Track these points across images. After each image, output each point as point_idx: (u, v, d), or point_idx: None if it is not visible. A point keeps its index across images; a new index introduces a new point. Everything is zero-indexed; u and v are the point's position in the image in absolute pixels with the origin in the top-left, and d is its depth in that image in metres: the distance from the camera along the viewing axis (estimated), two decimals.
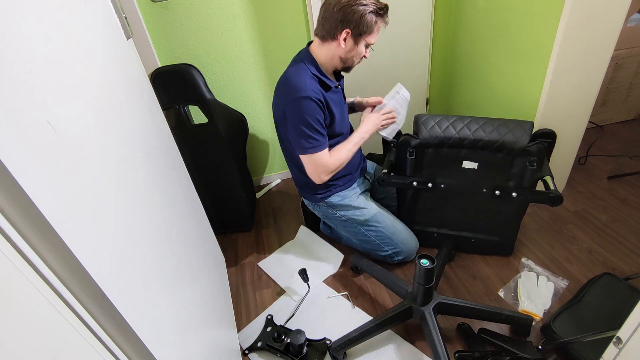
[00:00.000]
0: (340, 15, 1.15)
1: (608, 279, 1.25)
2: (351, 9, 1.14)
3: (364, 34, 1.18)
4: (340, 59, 1.23)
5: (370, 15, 1.15)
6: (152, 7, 1.50)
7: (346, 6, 1.14)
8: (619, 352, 0.69)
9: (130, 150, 0.72)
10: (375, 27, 1.18)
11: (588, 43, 1.32)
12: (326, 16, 1.17)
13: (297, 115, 1.18)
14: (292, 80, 1.20)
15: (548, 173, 1.26)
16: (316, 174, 1.26)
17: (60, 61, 0.52)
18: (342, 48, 1.19)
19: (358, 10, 1.14)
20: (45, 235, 0.40)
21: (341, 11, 1.15)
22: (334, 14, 1.15)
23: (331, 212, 1.42)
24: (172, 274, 0.78)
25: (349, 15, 1.15)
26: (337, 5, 1.15)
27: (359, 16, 1.14)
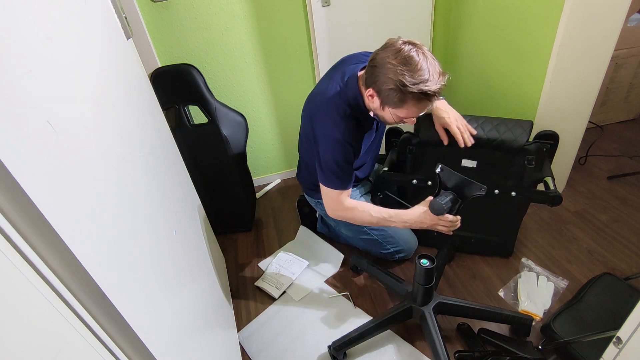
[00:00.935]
0: (369, 66, 0.98)
1: (608, 279, 1.25)
2: (381, 66, 0.93)
3: (389, 106, 0.99)
4: (373, 112, 1.09)
5: (402, 93, 0.93)
6: (152, 7, 1.50)
7: (379, 60, 0.94)
8: (619, 352, 0.69)
9: (130, 150, 0.72)
10: (403, 105, 0.97)
11: (588, 43, 1.32)
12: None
13: (328, 152, 1.11)
14: (330, 112, 1.08)
15: (549, 174, 1.26)
16: (331, 207, 1.21)
17: (60, 61, 0.52)
18: (371, 104, 1.04)
19: (387, 72, 0.93)
20: (45, 235, 0.40)
21: (371, 63, 0.97)
22: (371, 60, 0.98)
23: None
24: (172, 274, 0.78)
25: (376, 73, 0.96)
26: (376, 51, 0.97)
27: (389, 87, 0.94)
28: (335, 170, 1.13)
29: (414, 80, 0.91)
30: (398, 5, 1.75)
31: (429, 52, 0.95)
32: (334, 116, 1.09)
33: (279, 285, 1.46)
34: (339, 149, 1.10)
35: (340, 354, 1.16)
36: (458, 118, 1.23)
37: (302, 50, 1.77)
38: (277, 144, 2.02)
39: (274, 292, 1.44)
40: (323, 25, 1.70)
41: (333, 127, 1.09)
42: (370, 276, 1.45)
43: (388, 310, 1.19)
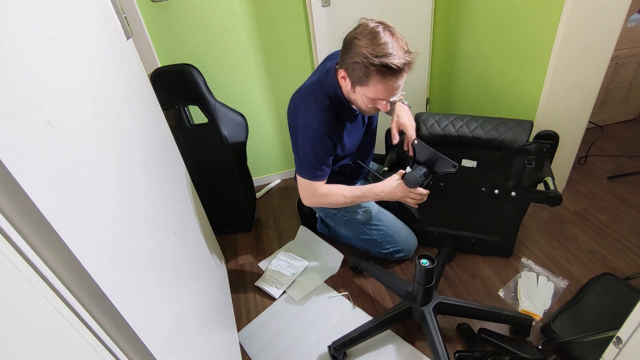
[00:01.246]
0: (341, 48, 0.99)
1: (608, 279, 1.25)
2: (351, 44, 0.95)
3: (357, 84, 1.00)
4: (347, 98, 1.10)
5: (365, 68, 0.94)
6: (152, 7, 1.50)
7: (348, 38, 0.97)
8: (619, 352, 0.69)
9: (130, 150, 0.72)
10: (369, 82, 0.97)
11: (588, 43, 1.32)
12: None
13: (305, 142, 1.13)
14: (309, 103, 1.11)
15: (549, 174, 1.27)
16: (306, 196, 1.24)
17: (60, 61, 0.52)
18: (344, 87, 1.06)
19: (353, 49, 0.95)
20: (45, 235, 0.40)
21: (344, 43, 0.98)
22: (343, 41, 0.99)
23: (332, 211, 1.42)
24: (172, 274, 0.78)
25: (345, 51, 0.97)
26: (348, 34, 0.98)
27: (354, 60, 0.95)
28: (311, 161, 1.15)
29: (376, 53, 0.92)
30: (398, 5, 1.75)
31: (398, 32, 0.96)
32: (313, 107, 1.10)
33: (279, 285, 1.46)
34: (317, 139, 1.12)
35: (340, 354, 1.16)
36: (414, 125, 1.26)
37: (302, 50, 1.77)
38: (277, 144, 2.02)
39: (274, 292, 1.44)
40: (323, 25, 1.70)
41: (312, 118, 1.10)
42: (370, 276, 1.45)
43: (388, 310, 1.19)
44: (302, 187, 1.23)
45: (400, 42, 0.95)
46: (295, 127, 1.15)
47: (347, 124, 1.20)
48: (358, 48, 0.93)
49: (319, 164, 1.16)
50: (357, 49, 0.94)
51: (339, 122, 1.15)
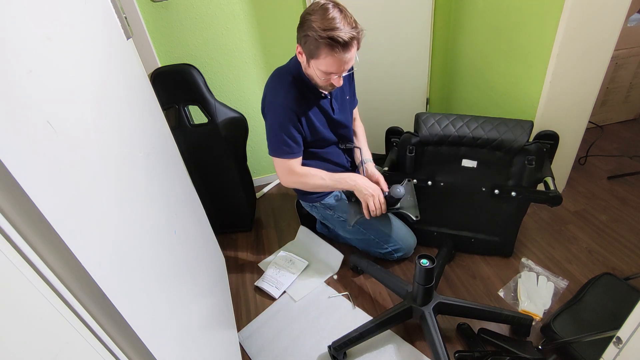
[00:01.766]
0: (298, 24, 1.05)
1: (608, 279, 1.25)
2: (304, 19, 1.02)
3: (310, 58, 1.05)
4: (306, 74, 1.15)
5: (315, 41, 0.99)
6: (152, 7, 1.50)
7: (302, 15, 1.03)
8: (619, 352, 0.69)
9: (130, 150, 0.72)
10: (320, 55, 1.02)
11: (588, 43, 1.32)
12: None
13: (273, 119, 1.19)
14: (274, 83, 1.19)
15: (549, 174, 1.27)
16: (283, 175, 1.28)
17: (60, 61, 0.52)
18: (302, 63, 1.11)
19: (305, 24, 1.01)
20: (45, 235, 0.40)
21: (299, 20, 1.04)
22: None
23: (329, 213, 1.42)
24: (172, 274, 0.78)
25: (300, 27, 1.04)
26: (303, 11, 1.04)
27: (305, 33, 1.01)
28: (281, 138, 1.19)
29: (324, 27, 0.98)
30: (398, 5, 1.75)
31: (348, 11, 1.03)
32: (278, 86, 1.18)
33: (279, 285, 1.46)
34: (283, 113, 1.16)
35: (340, 354, 1.16)
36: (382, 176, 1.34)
37: None
38: None
39: (273, 292, 1.44)
40: None
41: (277, 95, 1.16)
42: (370, 276, 1.45)
43: (388, 310, 1.19)
44: (277, 168, 1.28)
45: (348, 19, 1.01)
46: (264, 108, 1.22)
47: (315, 107, 1.23)
48: (309, 23, 1.00)
49: (287, 138, 1.19)
50: (308, 23, 1.00)
51: (304, 100, 1.20)
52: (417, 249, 1.54)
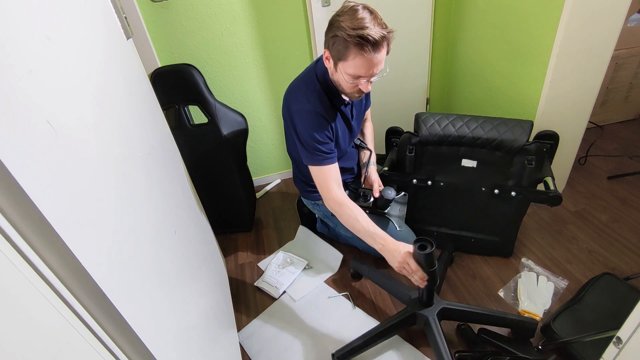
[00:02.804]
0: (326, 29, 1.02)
1: (608, 279, 1.25)
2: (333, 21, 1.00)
3: (338, 60, 1.02)
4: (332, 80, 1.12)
5: (344, 41, 0.96)
6: (152, 7, 1.50)
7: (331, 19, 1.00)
8: (619, 352, 0.69)
9: (130, 150, 0.71)
10: (348, 56, 0.98)
11: (588, 43, 1.32)
12: None
13: (303, 126, 1.13)
14: (300, 90, 1.15)
15: (549, 174, 1.27)
16: (322, 187, 1.18)
17: (60, 61, 0.52)
18: (330, 69, 1.08)
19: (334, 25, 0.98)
20: (45, 235, 0.40)
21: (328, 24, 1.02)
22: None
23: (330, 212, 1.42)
24: (172, 274, 0.78)
25: (329, 29, 1.01)
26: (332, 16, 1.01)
27: (333, 34, 0.98)
28: (315, 147, 1.14)
29: (354, 26, 0.95)
30: (398, 5, 1.75)
31: (378, 13, 1.00)
32: (305, 91, 1.14)
33: (279, 285, 1.46)
34: (314, 121, 1.13)
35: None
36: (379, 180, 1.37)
37: (302, 50, 1.77)
38: (277, 144, 2.02)
39: (273, 292, 1.44)
40: (323, 25, 1.68)
41: (305, 102, 1.12)
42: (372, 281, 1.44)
43: (391, 317, 1.18)
44: (316, 178, 1.19)
45: (378, 20, 0.99)
46: (291, 115, 1.17)
47: (339, 116, 1.21)
48: (338, 24, 0.97)
49: (319, 145, 1.14)
50: (337, 24, 0.98)
51: (332, 107, 1.17)
52: None
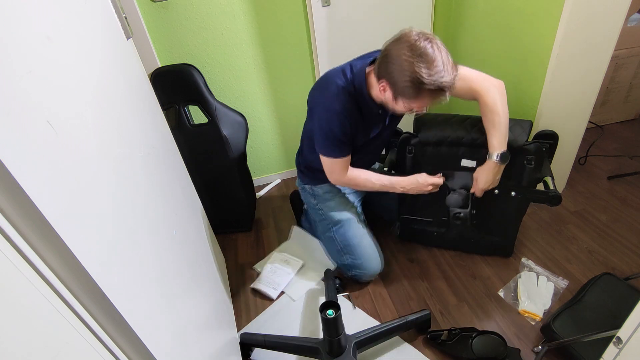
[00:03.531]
0: (382, 58, 0.99)
1: (608, 279, 1.25)
2: (395, 58, 0.94)
3: (402, 97, 1.00)
4: (382, 101, 1.10)
5: (417, 87, 0.94)
6: (152, 7, 1.50)
7: (392, 52, 0.95)
8: (619, 352, 0.69)
9: (130, 150, 0.72)
10: (418, 98, 0.98)
11: (588, 43, 1.32)
12: (383, 48, 1.01)
13: (325, 123, 1.14)
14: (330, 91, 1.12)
15: (548, 173, 1.26)
16: (330, 173, 1.27)
17: (60, 61, 0.52)
18: (382, 95, 1.06)
19: (400, 67, 0.93)
20: (45, 235, 0.40)
21: (385, 55, 0.98)
22: (383, 51, 0.99)
23: (313, 202, 1.42)
24: (172, 274, 0.78)
25: (388, 64, 0.97)
26: (388, 43, 0.97)
27: (400, 77, 0.95)
28: (333, 141, 1.16)
29: (430, 72, 0.92)
30: (398, 5, 1.75)
31: (441, 43, 0.95)
32: (336, 92, 1.11)
33: (276, 285, 1.46)
34: (337, 120, 1.12)
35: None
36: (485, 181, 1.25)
37: (302, 50, 1.77)
38: (277, 144, 2.02)
39: (271, 292, 1.44)
40: (323, 25, 1.70)
41: (334, 101, 1.11)
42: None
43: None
44: (325, 164, 1.25)
45: (447, 56, 0.95)
46: (317, 109, 1.17)
47: (367, 120, 1.20)
48: (409, 70, 0.93)
49: (340, 143, 1.17)
50: (408, 70, 0.93)
51: (359, 114, 1.16)
52: (411, 253, 1.54)
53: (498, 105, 1.14)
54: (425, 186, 1.28)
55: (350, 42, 1.77)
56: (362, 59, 1.16)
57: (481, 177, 1.24)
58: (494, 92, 1.14)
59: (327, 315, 1.03)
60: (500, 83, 1.17)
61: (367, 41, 1.79)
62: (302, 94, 1.88)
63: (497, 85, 1.16)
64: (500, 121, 1.14)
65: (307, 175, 1.38)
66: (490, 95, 1.14)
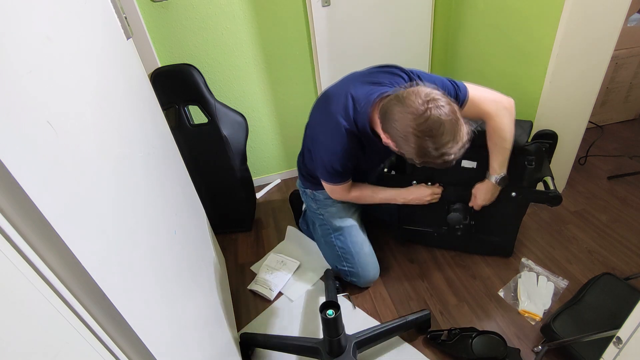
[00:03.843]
0: (386, 117, 0.94)
1: (608, 279, 1.25)
2: (400, 130, 0.90)
3: (406, 156, 0.96)
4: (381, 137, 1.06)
5: (421, 157, 0.91)
6: (152, 7, 1.50)
7: (394, 117, 0.90)
8: (619, 352, 0.69)
9: (130, 150, 0.72)
10: (422, 162, 0.94)
11: (588, 43, 1.32)
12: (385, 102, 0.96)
13: (327, 160, 1.13)
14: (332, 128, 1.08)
15: (548, 173, 1.26)
16: (331, 193, 1.29)
17: (60, 61, 0.52)
18: (387, 142, 1.00)
19: (406, 141, 0.90)
20: (45, 235, 0.40)
21: (389, 117, 0.92)
22: (388, 110, 0.93)
23: (314, 206, 1.41)
24: (172, 274, 0.78)
25: (393, 132, 0.92)
26: (393, 102, 0.91)
27: (403, 146, 0.92)
28: (334, 174, 1.17)
29: (437, 146, 0.88)
30: (398, 5, 1.75)
31: (446, 102, 0.89)
32: (339, 133, 1.08)
33: (273, 286, 1.45)
34: (338, 160, 1.12)
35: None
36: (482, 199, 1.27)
37: (302, 50, 1.77)
38: (277, 144, 2.02)
39: (268, 293, 1.43)
40: (323, 25, 1.70)
41: (337, 143, 1.09)
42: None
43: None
44: (330, 191, 1.27)
45: (452, 124, 0.88)
46: (318, 143, 1.16)
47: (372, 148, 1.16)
48: (413, 138, 0.88)
49: (341, 173, 1.18)
50: (412, 139, 0.89)
51: (361, 151, 1.14)
52: (411, 253, 1.54)
53: (507, 132, 1.11)
54: (425, 196, 1.29)
55: (350, 42, 1.77)
56: (365, 90, 1.08)
57: (479, 194, 1.26)
58: (506, 116, 1.10)
59: (327, 315, 1.03)
60: (510, 103, 1.12)
61: (367, 41, 1.79)
62: (302, 94, 1.88)
63: (509, 107, 1.11)
64: (506, 146, 1.13)
65: (309, 180, 1.38)
66: (501, 120, 1.10)
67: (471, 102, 1.09)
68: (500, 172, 1.17)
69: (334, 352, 1.09)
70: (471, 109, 1.10)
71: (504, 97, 1.12)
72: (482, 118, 1.13)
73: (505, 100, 1.11)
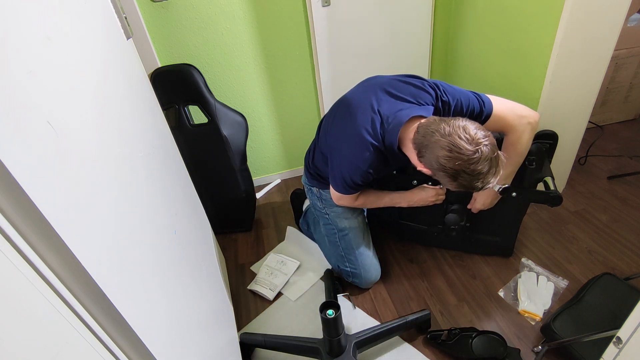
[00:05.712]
0: (423, 144, 0.94)
1: (608, 279, 1.25)
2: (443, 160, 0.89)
3: (443, 184, 0.98)
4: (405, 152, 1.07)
5: (452, 179, 0.92)
6: (152, 7, 1.50)
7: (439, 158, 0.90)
8: (619, 352, 0.69)
9: (130, 150, 0.72)
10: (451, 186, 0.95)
11: (588, 43, 1.32)
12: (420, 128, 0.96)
13: (346, 173, 1.12)
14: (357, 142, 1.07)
15: (549, 173, 1.26)
16: (337, 201, 1.28)
17: (60, 61, 0.52)
18: (419, 167, 1.01)
19: (450, 168, 0.90)
20: (45, 235, 0.40)
21: (423, 139, 0.93)
22: (421, 133, 0.94)
23: (319, 205, 1.41)
24: (172, 274, 0.78)
25: (431, 150, 0.92)
26: (430, 131, 0.92)
27: (444, 175, 0.92)
28: (350, 186, 1.15)
29: (481, 181, 0.90)
30: (398, 5, 1.75)
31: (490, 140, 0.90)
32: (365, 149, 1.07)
33: (273, 286, 1.45)
34: (360, 175, 1.12)
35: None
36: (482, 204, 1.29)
37: (302, 50, 1.77)
38: (277, 144, 2.02)
39: (268, 294, 1.43)
40: (323, 25, 1.70)
41: (360, 159, 1.08)
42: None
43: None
44: (337, 199, 1.27)
45: (499, 162, 0.91)
46: (339, 152, 1.14)
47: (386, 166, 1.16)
48: (460, 177, 0.90)
49: (357, 187, 1.17)
50: (459, 177, 0.90)
51: (384, 166, 1.14)
52: (411, 253, 1.53)
53: (524, 147, 1.13)
54: (429, 197, 1.28)
55: (350, 42, 1.77)
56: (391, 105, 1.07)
57: (479, 198, 1.28)
58: (527, 131, 1.11)
59: (327, 315, 1.03)
60: (535, 118, 1.12)
61: (367, 41, 1.79)
62: (302, 93, 1.88)
63: (533, 123, 1.11)
64: (518, 160, 1.16)
65: (316, 178, 1.37)
66: (521, 135, 1.11)
67: (495, 116, 1.10)
68: (505, 183, 1.18)
69: (334, 352, 1.09)
70: (495, 122, 1.11)
71: (530, 112, 1.12)
72: (504, 131, 1.14)
73: (531, 116, 1.11)
